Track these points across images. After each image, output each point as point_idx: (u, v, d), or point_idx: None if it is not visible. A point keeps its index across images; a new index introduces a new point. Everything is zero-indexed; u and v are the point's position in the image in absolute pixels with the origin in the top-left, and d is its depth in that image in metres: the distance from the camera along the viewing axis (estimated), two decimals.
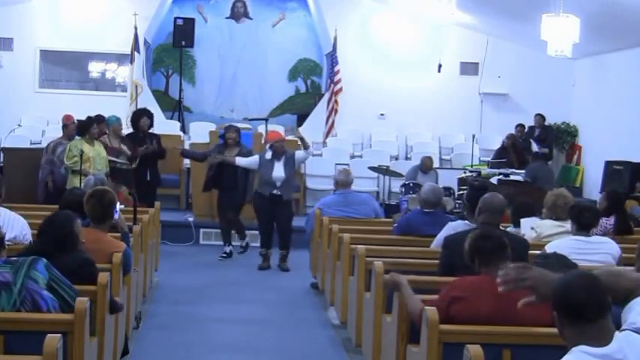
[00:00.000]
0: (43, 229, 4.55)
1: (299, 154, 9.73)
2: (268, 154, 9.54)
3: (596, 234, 6.09)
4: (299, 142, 10.07)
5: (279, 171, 9.45)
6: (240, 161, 9.64)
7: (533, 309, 4.03)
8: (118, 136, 10.11)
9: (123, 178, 9.45)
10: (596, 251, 5.57)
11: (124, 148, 9.94)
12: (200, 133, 14.27)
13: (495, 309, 4.01)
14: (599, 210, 6.30)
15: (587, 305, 2.64)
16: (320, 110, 15.63)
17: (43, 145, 12.01)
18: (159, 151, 10.44)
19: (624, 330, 2.73)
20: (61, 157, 9.40)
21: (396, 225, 7.46)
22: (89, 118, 9.61)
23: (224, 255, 10.12)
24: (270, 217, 9.58)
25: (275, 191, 9.44)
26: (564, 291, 2.70)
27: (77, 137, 9.48)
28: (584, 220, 5.68)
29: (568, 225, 6.07)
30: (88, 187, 7.69)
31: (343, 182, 8.83)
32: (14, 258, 4.05)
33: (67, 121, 10.12)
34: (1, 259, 3.98)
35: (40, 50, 15.67)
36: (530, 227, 6.64)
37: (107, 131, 9.98)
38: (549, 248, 5.46)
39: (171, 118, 15.62)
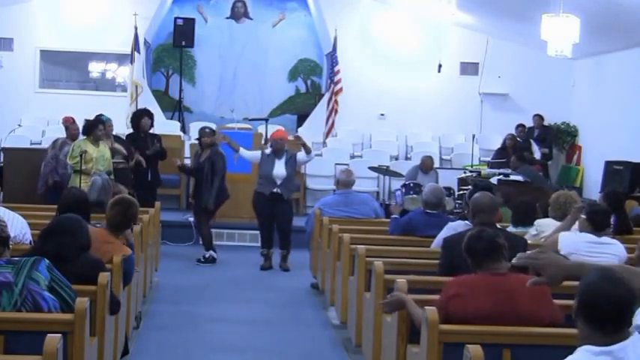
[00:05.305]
0: (56, 233, 4.52)
1: (301, 156, 9.73)
2: (269, 150, 9.58)
3: None
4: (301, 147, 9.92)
5: (280, 169, 9.43)
6: (244, 153, 9.66)
7: (532, 306, 4.04)
8: (110, 136, 10.02)
9: (121, 177, 9.44)
10: (604, 252, 5.57)
11: (118, 146, 9.86)
12: None
13: (494, 306, 4.01)
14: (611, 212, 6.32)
15: (610, 320, 2.60)
16: (320, 110, 15.63)
17: (44, 145, 12.01)
18: (161, 153, 10.45)
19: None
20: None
21: (394, 217, 7.41)
22: (96, 118, 9.58)
23: (201, 260, 9.81)
24: (271, 217, 9.54)
25: (276, 190, 9.43)
26: (594, 296, 2.63)
27: (82, 137, 9.46)
28: (602, 223, 5.73)
29: (573, 225, 6.11)
30: (94, 187, 7.72)
31: (345, 182, 8.81)
32: (16, 258, 4.05)
33: (67, 123, 10.09)
34: (3, 259, 3.98)
35: (40, 50, 15.67)
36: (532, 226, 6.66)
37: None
38: (562, 242, 5.45)
39: (172, 118, 15.64)
